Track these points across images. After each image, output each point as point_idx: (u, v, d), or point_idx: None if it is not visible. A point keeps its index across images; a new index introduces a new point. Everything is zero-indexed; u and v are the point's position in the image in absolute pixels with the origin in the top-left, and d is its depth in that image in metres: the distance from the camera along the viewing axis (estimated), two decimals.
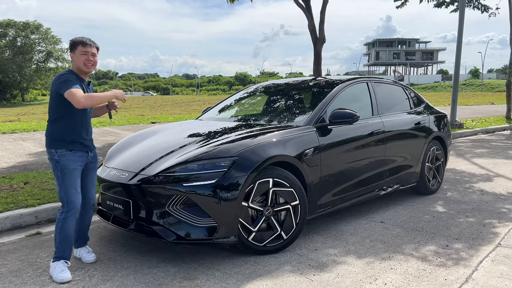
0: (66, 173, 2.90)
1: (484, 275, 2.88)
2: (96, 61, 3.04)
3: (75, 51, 2.97)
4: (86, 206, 3.14)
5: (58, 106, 2.92)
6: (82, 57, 2.95)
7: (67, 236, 2.91)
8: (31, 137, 9.36)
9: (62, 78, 2.88)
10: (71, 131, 2.95)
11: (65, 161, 2.92)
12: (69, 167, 2.92)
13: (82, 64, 2.95)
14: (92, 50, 2.99)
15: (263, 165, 3.14)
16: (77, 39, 2.99)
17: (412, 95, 5.30)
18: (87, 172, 3.11)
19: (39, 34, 53.83)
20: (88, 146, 3.06)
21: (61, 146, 2.93)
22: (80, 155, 2.99)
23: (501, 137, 11.20)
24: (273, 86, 5.16)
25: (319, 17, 9.78)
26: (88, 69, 2.99)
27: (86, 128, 3.05)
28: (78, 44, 2.96)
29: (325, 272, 2.93)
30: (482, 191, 5.26)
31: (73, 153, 2.95)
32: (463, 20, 12.61)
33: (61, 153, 2.93)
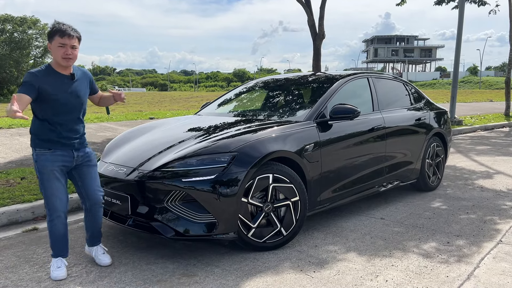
0: (44, 174, 2.70)
1: (486, 272, 2.85)
2: (76, 54, 2.70)
3: (52, 41, 2.63)
4: (94, 207, 2.92)
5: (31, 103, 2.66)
6: (59, 50, 2.62)
7: (59, 236, 2.80)
8: (28, 133, 9.29)
9: (25, 75, 2.63)
10: (47, 129, 2.70)
11: (43, 161, 2.70)
12: (47, 168, 2.70)
13: (59, 58, 2.63)
14: (72, 42, 2.64)
15: (263, 160, 3.10)
16: (56, 27, 2.62)
17: (412, 91, 5.27)
18: (81, 172, 2.87)
19: (36, 29, 53.52)
20: (71, 145, 2.78)
21: (39, 145, 2.71)
22: (60, 154, 2.73)
23: (500, 134, 11.20)
24: (272, 82, 5.12)
25: (319, 12, 9.73)
26: (67, 63, 2.66)
27: (69, 127, 2.75)
28: (56, 34, 2.61)
29: (326, 269, 2.90)
30: (482, 187, 5.23)
31: (51, 152, 2.71)
32: (463, 16, 12.57)
33: (39, 152, 2.71)
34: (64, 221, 2.82)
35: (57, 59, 2.66)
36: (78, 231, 3.66)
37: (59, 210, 2.76)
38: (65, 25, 2.65)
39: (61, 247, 2.83)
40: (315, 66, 9.77)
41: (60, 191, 2.76)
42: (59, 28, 2.62)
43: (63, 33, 2.61)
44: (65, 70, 2.73)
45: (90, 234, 3.00)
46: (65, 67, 2.71)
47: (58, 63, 2.68)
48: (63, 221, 2.80)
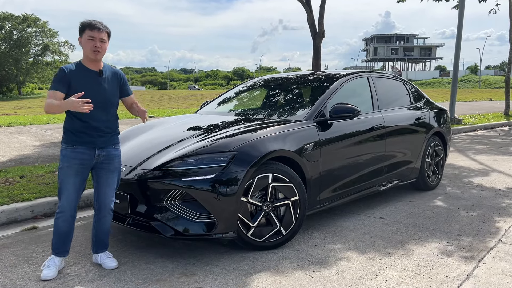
0: (62, 169, 2.75)
1: (485, 272, 2.85)
2: (105, 48, 2.76)
3: (82, 35, 2.72)
4: (102, 211, 2.89)
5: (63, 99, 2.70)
6: (89, 43, 2.69)
7: (59, 233, 2.79)
8: (27, 131, 9.28)
9: (57, 72, 2.72)
10: (74, 124, 2.74)
11: (64, 156, 2.76)
12: (64, 164, 2.74)
13: (89, 50, 2.70)
14: (101, 36, 2.72)
15: (262, 160, 3.10)
16: (86, 21, 2.72)
17: (412, 90, 5.26)
18: (99, 173, 2.85)
19: (36, 27, 53.42)
20: (94, 143, 2.77)
21: (65, 140, 2.78)
22: (81, 151, 2.74)
23: (500, 133, 11.20)
24: (272, 80, 5.11)
25: (319, 11, 9.71)
26: (95, 56, 2.72)
27: (94, 124, 2.75)
28: (86, 28, 2.70)
29: (325, 268, 2.89)
30: (482, 187, 5.23)
31: (73, 149, 2.74)
32: (463, 15, 12.55)
33: (63, 148, 2.78)
34: (69, 220, 2.78)
35: (86, 53, 2.72)
36: (78, 230, 3.65)
37: (64, 207, 2.75)
38: (95, 20, 2.73)
39: (59, 245, 2.80)
40: (315, 65, 9.75)
41: (72, 189, 2.75)
42: (89, 22, 2.71)
43: (92, 26, 2.70)
44: (94, 66, 2.77)
45: (95, 240, 2.94)
46: (94, 60, 2.75)
47: (88, 57, 2.74)
48: (66, 219, 2.77)
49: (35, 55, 54.73)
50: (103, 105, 2.79)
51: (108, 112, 2.84)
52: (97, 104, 2.72)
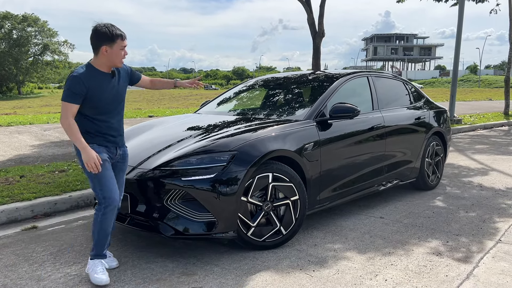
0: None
1: (485, 271, 2.85)
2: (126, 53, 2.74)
3: (113, 45, 2.58)
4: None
5: None
6: (120, 54, 2.62)
7: (107, 234, 2.71)
8: (27, 130, 9.28)
9: (69, 81, 2.56)
10: (93, 126, 2.67)
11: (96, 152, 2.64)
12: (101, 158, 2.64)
13: (119, 61, 2.63)
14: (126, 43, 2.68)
15: (262, 159, 3.10)
16: (115, 31, 2.58)
17: (412, 90, 5.26)
18: (114, 172, 2.79)
19: (35, 26, 53.36)
20: (115, 142, 2.77)
21: (86, 139, 2.63)
22: (105, 147, 2.72)
23: (499, 133, 11.20)
24: (272, 80, 5.11)
25: (318, 11, 9.71)
26: (122, 65, 2.70)
27: (113, 125, 2.74)
28: (117, 38, 2.58)
29: (325, 268, 2.90)
30: (482, 186, 5.24)
31: (98, 145, 2.69)
32: (463, 15, 12.55)
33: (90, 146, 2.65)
34: (115, 213, 2.72)
35: (115, 62, 2.64)
36: (77, 230, 3.66)
37: (115, 201, 2.67)
38: (117, 27, 2.62)
39: (104, 246, 2.73)
40: (315, 65, 9.75)
41: (113, 181, 2.69)
42: (120, 32, 2.61)
43: (123, 36, 2.63)
44: (107, 69, 2.68)
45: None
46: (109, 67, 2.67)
47: (107, 65, 2.64)
48: (114, 212, 2.70)
49: (35, 54, 54.66)
50: (119, 105, 2.77)
51: (122, 110, 2.83)
52: (114, 106, 2.71)
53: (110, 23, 2.61)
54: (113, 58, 2.62)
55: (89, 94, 2.58)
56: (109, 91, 2.68)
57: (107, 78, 2.67)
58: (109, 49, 2.59)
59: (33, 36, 53.74)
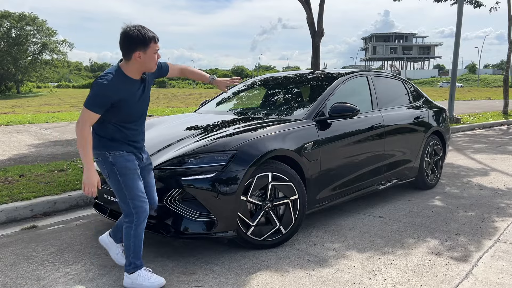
0: (127, 175, 2.51)
1: (484, 270, 2.86)
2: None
3: (146, 49, 2.40)
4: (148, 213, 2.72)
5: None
6: (154, 58, 2.46)
7: (141, 242, 2.61)
8: (26, 130, 9.28)
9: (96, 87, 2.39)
10: (120, 133, 2.53)
11: (123, 162, 2.51)
12: (129, 168, 2.52)
13: (153, 64, 2.47)
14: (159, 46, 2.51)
15: (262, 159, 3.10)
16: (147, 33, 2.39)
17: (411, 89, 5.27)
18: (144, 175, 2.70)
19: (34, 25, 53.25)
20: (140, 148, 2.66)
21: (114, 147, 2.52)
22: (134, 154, 2.60)
23: (498, 132, 11.22)
24: (271, 79, 5.11)
25: (318, 10, 9.71)
26: (155, 68, 2.54)
27: (139, 130, 2.63)
28: (151, 41, 2.40)
29: (325, 267, 2.90)
30: (481, 186, 5.25)
31: (128, 154, 2.56)
32: (462, 15, 12.57)
33: (115, 154, 2.52)
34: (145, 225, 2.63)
35: (149, 67, 2.48)
36: (77, 229, 3.66)
37: (146, 210, 2.58)
38: (149, 29, 2.45)
39: (141, 254, 2.63)
40: (314, 64, 9.75)
41: (143, 191, 2.59)
42: (152, 34, 2.43)
43: (156, 39, 2.46)
44: (138, 75, 2.51)
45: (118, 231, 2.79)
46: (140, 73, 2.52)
47: (139, 70, 2.48)
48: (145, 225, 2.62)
49: (34, 53, 54.55)
50: (145, 111, 2.65)
51: (146, 116, 2.70)
52: (141, 113, 2.61)
53: (140, 25, 2.42)
54: (147, 63, 2.45)
55: (118, 104, 2.44)
56: (138, 99, 2.53)
57: (137, 86, 2.52)
58: (142, 54, 2.40)
59: (32, 35, 53.63)
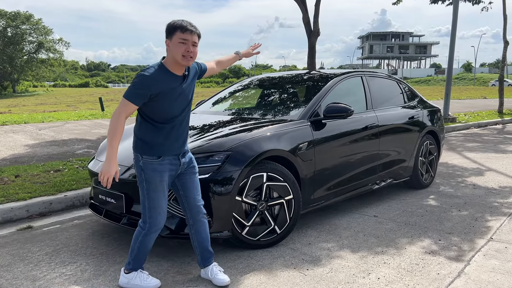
0: (151, 184, 2.50)
1: (476, 269, 2.89)
2: (196, 53, 2.48)
3: (171, 37, 2.41)
4: (197, 219, 2.69)
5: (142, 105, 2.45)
6: (180, 47, 2.39)
7: (147, 250, 2.64)
8: (22, 130, 9.25)
9: (138, 79, 2.39)
10: (157, 134, 2.49)
11: (151, 170, 2.49)
12: (155, 179, 2.50)
13: (179, 55, 2.40)
14: (193, 38, 2.43)
15: (257, 159, 3.12)
16: (176, 22, 2.42)
17: (406, 89, 5.30)
18: (185, 180, 2.64)
19: (30, 24, 53.04)
20: (179, 151, 2.57)
21: (147, 151, 2.49)
22: (168, 162, 2.52)
23: (493, 131, 11.28)
24: (267, 80, 5.13)
25: (314, 10, 9.72)
26: (187, 62, 2.44)
27: (179, 131, 2.55)
28: (177, 30, 2.40)
29: (319, 266, 2.93)
30: (475, 185, 5.29)
31: (159, 162, 2.50)
32: (457, 14, 12.62)
33: (146, 161, 2.49)
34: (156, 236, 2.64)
35: (176, 57, 2.42)
36: (73, 229, 3.68)
37: (160, 224, 2.58)
38: (185, 21, 2.45)
39: (143, 261, 2.66)
40: (310, 64, 9.77)
41: (164, 205, 2.57)
42: (180, 23, 2.41)
43: (184, 28, 2.40)
44: (179, 71, 2.49)
45: (200, 253, 2.74)
46: (183, 66, 2.48)
47: (176, 62, 2.44)
48: (157, 234, 2.63)
49: (30, 52, 54.36)
50: (188, 109, 2.59)
51: (189, 115, 2.64)
52: (183, 110, 2.54)
53: (185, 20, 2.45)
54: (174, 52, 2.41)
55: (157, 98, 2.41)
56: (177, 95, 2.49)
57: (178, 81, 2.48)
58: (169, 42, 2.43)
59: (28, 34, 53.42)
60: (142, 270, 2.66)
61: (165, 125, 2.50)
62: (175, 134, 2.53)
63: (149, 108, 2.45)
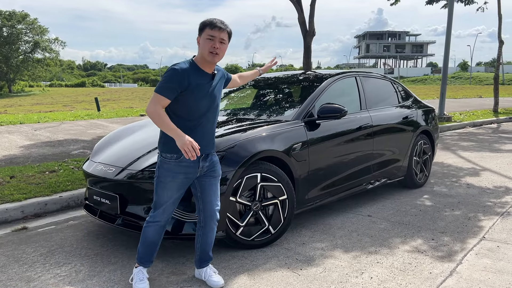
0: (161, 183, 2.54)
1: (468, 268, 2.92)
2: (224, 50, 2.54)
3: (201, 34, 2.50)
4: (209, 223, 2.70)
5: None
6: (207, 43, 2.46)
7: (148, 242, 2.62)
8: (18, 130, 9.23)
9: (168, 73, 2.44)
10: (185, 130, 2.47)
11: (166, 170, 2.52)
12: (166, 178, 2.52)
13: (206, 51, 2.46)
14: (221, 35, 2.48)
15: (251, 160, 3.14)
16: (207, 20, 2.50)
17: (400, 89, 5.33)
18: (204, 183, 2.64)
19: (25, 24, 52.81)
20: (201, 151, 2.51)
21: (166, 149, 2.51)
22: (186, 165, 2.51)
23: (488, 131, 11.34)
24: (263, 80, 5.14)
25: (309, 10, 9.74)
26: (212, 58, 2.48)
27: (202, 132, 2.55)
28: (206, 26, 2.48)
29: (312, 266, 2.95)
30: (469, 184, 5.32)
31: (177, 162, 2.50)
32: (452, 15, 12.69)
33: (163, 159, 2.53)
34: (160, 230, 2.63)
35: (203, 53, 2.48)
36: (68, 230, 3.68)
37: (160, 218, 2.59)
38: (216, 19, 2.52)
39: (146, 253, 2.64)
40: (306, 64, 9.79)
41: (171, 203, 2.58)
42: (210, 21, 2.50)
43: (213, 25, 2.47)
44: (209, 68, 2.55)
45: (199, 254, 2.75)
46: (210, 62, 2.53)
47: (204, 58, 2.50)
48: (158, 230, 2.62)
49: (25, 52, 54.11)
50: (214, 110, 2.61)
51: (216, 117, 2.67)
52: (209, 110, 2.56)
53: (216, 18, 2.53)
54: (202, 48, 2.48)
55: (186, 93, 2.45)
56: (205, 93, 2.53)
57: (206, 78, 2.54)
58: (200, 38, 2.51)
59: (24, 33, 53.17)
60: (143, 270, 2.65)
61: (190, 123, 2.51)
62: (199, 134, 2.53)
63: (176, 103, 2.48)
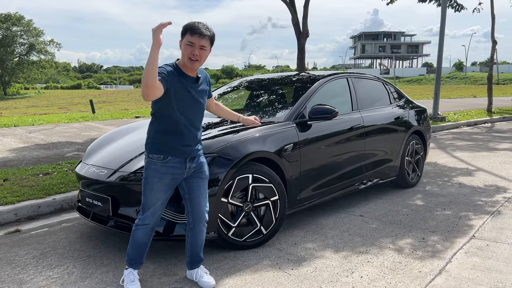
0: (148, 184, 2.55)
1: (457, 266, 2.96)
2: (205, 56, 2.51)
3: (183, 38, 2.48)
4: (198, 225, 2.71)
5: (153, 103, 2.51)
6: (187, 49, 2.45)
7: (138, 244, 2.62)
8: (12, 133, 9.21)
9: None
10: (165, 133, 2.52)
11: (152, 170, 2.52)
12: (153, 179, 2.52)
13: (186, 57, 2.46)
14: (201, 42, 2.45)
15: (242, 161, 3.16)
16: (188, 24, 2.47)
17: (392, 90, 5.37)
18: (191, 184, 2.65)
19: (21, 26, 52.64)
20: (186, 154, 2.56)
21: (153, 150, 2.53)
22: (172, 165, 2.53)
23: (482, 130, 11.41)
24: (256, 81, 5.17)
25: (303, 11, 9.78)
26: (192, 65, 2.48)
27: (187, 134, 2.56)
28: (187, 31, 2.45)
29: (303, 266, 2.98)
30: (461, 184, 5.37)
31: (163, 163, 2.51)
32: (445, 16, 12.78)
33: (151, 160, 2.53)
34: (149, 233, 2.62)
35: (183, 58, 2.49)
36: (61, 232, 3.69)
37: (149, 220, 2.59)
38: (200, 23, 2.48)
39: (135, 255, 2.64)
40: (300, 65, 9.83)
41: (159, 204, 2.58)
42: (192, 25, 2.45)
43: (193, 31, 2.43)
44: (191, 72, 2.55)
45: (190, 255, 2.77)
46: (190, 69, 2.53)
47: (185, 62, 2.49)
48: (147, 232, 2.61)
49: (21, 54, 53.94)
50: (199, 113, 2.63)
51: (201, 119, 2.69)
52: (193, 112, 2.58)
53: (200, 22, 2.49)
54: (183, 52, 2.48)
55: (170, 92, 2.45)
56: (189, 96, 2.54)
57: (190, 80, 2.54)
58: (180, 42, 2.50)
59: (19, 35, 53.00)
60: (133, 271, 2.66)
61: (175, 125, 2.52)
62: (184, 136, 2.55)
63: (162, 105, 2.49)
